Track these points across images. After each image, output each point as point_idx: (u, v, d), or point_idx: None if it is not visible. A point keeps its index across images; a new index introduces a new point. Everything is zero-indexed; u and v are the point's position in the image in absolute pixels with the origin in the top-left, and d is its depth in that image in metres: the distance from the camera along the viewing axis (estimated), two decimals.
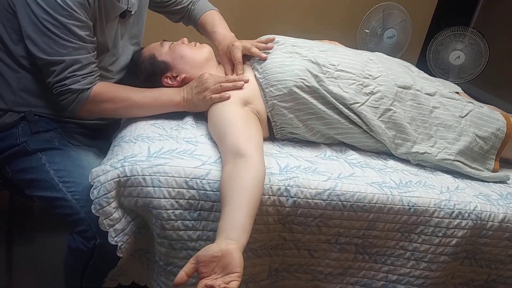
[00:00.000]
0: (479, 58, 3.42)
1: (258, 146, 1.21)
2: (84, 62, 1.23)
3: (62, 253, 1.29)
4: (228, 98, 1.34)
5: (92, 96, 1.26)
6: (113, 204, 1.15)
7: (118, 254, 1.18)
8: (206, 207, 1.19)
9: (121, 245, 1.17)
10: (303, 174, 1.26)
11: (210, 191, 1.18)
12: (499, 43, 4.14)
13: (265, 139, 1.41)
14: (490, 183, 1.48)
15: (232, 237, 0.97)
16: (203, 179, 1.18)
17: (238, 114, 1.30)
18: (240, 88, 1.38)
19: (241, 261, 0.92)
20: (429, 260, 1.32)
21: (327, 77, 1.41)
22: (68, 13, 1.16)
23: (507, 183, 1.50)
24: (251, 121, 1.31)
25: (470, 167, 1.47)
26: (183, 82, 1.42)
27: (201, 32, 1.67)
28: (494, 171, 1.51)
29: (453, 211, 1.30)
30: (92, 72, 1.26)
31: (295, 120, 1.40)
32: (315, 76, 1.39)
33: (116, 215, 1.16)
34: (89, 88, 1.25)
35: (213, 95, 1.34)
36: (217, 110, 1.33)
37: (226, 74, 1.46)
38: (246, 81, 1.40)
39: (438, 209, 1.30)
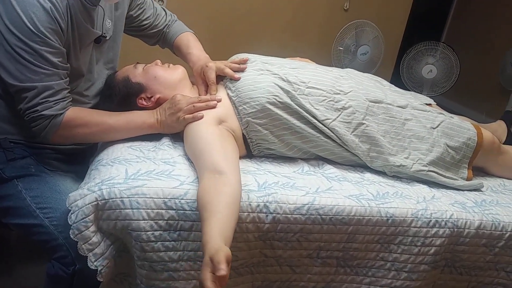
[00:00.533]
0: (451, 71, 3.52)
1: (234, 165, 1.23)
2: (56, 88, 1.23)
3: (41, 282, 1.27)
4: (201, 117, 1.35)
5: (65, 122, 1.26)
6: (92, 228, 1.14)
7: (99, 279, 1.16)
8: (186, 227, 1.19)
9: (101, 269, 1.16)
10: (282, 190, 1.27)
11: (189, 210, 1.18)
12: (469, 56, 4.27)
13: (242, 157, 1.42)
14: (465, 191, 1.51)
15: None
16: (182, 199, 1.18)
17: (213, 133, 1.31)
18: (213, 107, 1.39)
19: None
20: (409, 270, 1.34)
21: (298, 94, 1.43)
22: (41, 39, 1.16)
23: (481, 191, 1.54)
24: (226, 139, 1.32)
25: (444, 176, 1.51)
26: (158, 103, 1.43)
27: (177, 54, 1.69)
28: (468, 179, 1.55)
29: (430, 220, 1.33)
30: (64, 98, 1.26)
31: (270, 136, 1.42)
32: (287, 92, 1.42)
33: (95, 239, 1.15)
34: (61, 114, 1.25)
35: (187, 116, 1.35)
36: (193, 129, 1.34)
37: (200, 95, 1.48)
38: (219, 101, 1.42)
39: (415, 218, 1.32)
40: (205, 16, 3.14)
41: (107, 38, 1.41)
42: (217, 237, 0.99)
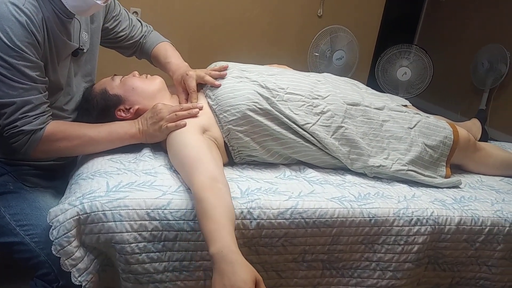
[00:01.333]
0: (425, 73, 3.59)
1: (224, 174, 1.24)
2: (35, 103, 1.21)
3: None
4: (184, 125, 1.34)
5: (46, 136, 1.24)
6: (74, 243, 1.13)
7: None
8: (170, 237, 1.18)
9: (86, 284, 1.14)
10: (265, 196, 1.28)
11: (173, 220, 1.18)
12: (441, 58, 4.36)
13: (224, 165, 1.42)
14: (444, 189, 1.54)
15: None
16: (165, 209, 1.18)
17: (201, 141, 1.31)
18: (195, 115, 1.39)
19: None
20: (394, 269, 1.35)
21: (277, 100, 1.45)
22: (18, 54, 1.15)
23: (459, 187, 1.57)
24: (212, 149, 1.32)
25: (423, 175, 1.53)
26: (137, 114, 1.43)
27: (155, 64, 1.68)
28: (446, 177, 1.58)
29: (412, 219, 1.35)
30: (44, 112, 1.24)
31: (252, 142, 1.42)
32: (267, 99, 1.43)
33: (78, 254, 1.13)
34: (42, 128, 1.23)
35: (169, 124, 1.35)
36: (178, 137, 1.32)
37: (180, 103, 1.48)
38: (201, 108, 1.42)
39: (397, 217, 1.34)
40: (180, 27, 3.15)
41: (85, 51, 1.40)
42: (235, 246, 1.00)
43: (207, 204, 1.08)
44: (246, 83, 1.46)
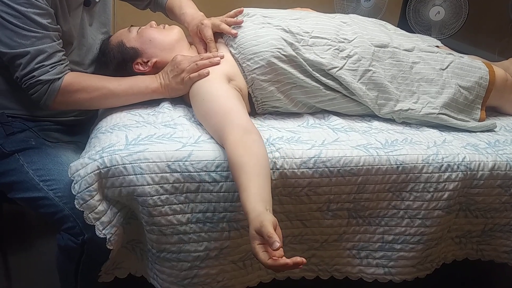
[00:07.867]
0: (459, 11, 3.39)
1: (252, 123, 1.21)
2: (49, 51, 1.18)
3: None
4: (208, 74, 1.30)
5: (64, 86, 1.22)
6: (97, 197, 1.13)
7: (108, 247, 1.16)
8: (192, 188, 1.17)
9: (110, 237, 1.15)
10: (287, 145, 1.24)
11: (194, 172, 1.16)
12: None
13: None
14: (478, 133, 1.46)
15: (270, 210, 0.99)
16: (186, 161, 1.16)
17: (228, 90, 1.28)
18: (217, 63, 1.34)
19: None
20: (423, 217, 1.31)
21: (302, 45, 1.38)
22: (26, 1, 1.12)
23: (494, 131, 1.49)
24: (240, 98, 1.29)
25: (456, 118, 1.46)
26: (155, 67, 1.39)
27: (170, 17, 1.62)
28: (480, 120, 1.50)
29: (442, 165, 1.29)
30: (60, 60, 1.21)
31: (276, 92, 1.38)
32: (291, 44, 1.37)
33: (101, 207, 1.14)
34: (60, 78, 1.21)
35: (192, 75, 1.30)
36: (204, 87, 1.28)
37: (199, 54, 1.43)
38: (222, 57, 1.37)
39: (426, 164, 1.29)
40: None
41: (97, 0, 1.36)
42: (258, 204, 0.98)
43: (236, 165, 1.08)
44: (269, 28, 1.40)
